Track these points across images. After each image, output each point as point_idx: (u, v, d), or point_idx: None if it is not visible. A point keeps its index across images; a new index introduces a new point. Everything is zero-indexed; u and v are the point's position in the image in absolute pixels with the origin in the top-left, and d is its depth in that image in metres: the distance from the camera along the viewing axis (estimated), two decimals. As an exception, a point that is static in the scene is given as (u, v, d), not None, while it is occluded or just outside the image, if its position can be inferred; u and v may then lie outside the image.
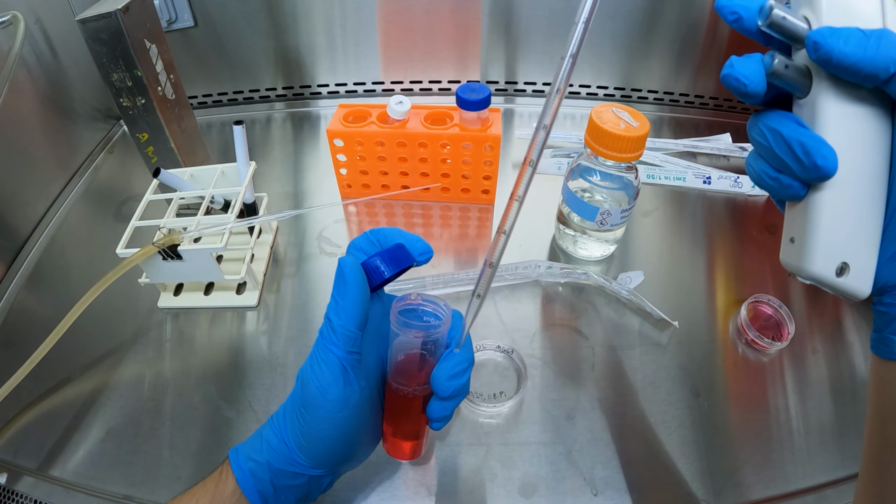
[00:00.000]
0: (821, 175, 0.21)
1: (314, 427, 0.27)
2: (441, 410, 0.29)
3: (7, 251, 0.52)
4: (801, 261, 0.22)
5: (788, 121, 0.21)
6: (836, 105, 0.20)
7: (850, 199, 0.21)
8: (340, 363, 0.26)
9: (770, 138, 0.22)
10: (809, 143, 0.20)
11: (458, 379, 0.28)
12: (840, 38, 0.19)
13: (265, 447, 0.28)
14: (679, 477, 0.37)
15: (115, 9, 0.44)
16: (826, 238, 0.21)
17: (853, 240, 0.21)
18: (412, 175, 0.55)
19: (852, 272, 0.21)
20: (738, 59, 0.21)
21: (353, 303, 0.27)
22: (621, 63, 0.69)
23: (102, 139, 0.68)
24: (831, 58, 0.19)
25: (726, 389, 0.42)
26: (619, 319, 0.47)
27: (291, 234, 0.55)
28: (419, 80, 0.72)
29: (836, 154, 0.20)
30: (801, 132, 0.21)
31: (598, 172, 0.46)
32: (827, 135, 0.20)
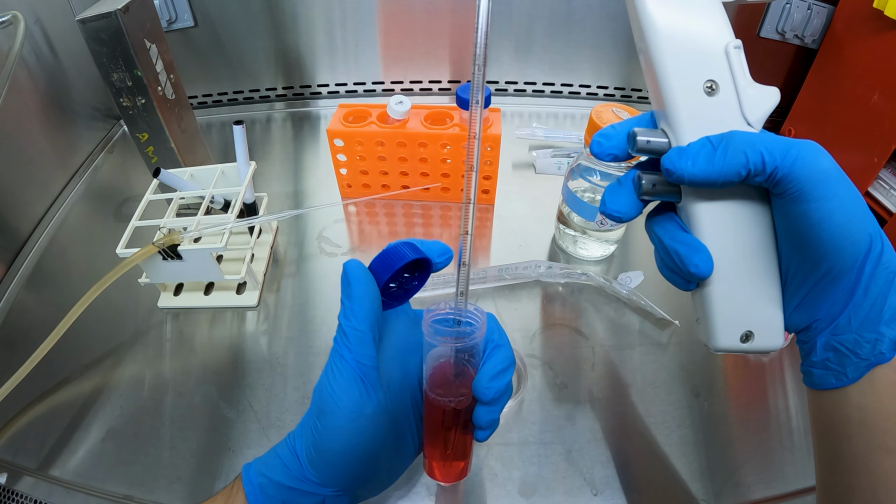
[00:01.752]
0: (697, 278, 0.23)
1: (325, 438, 0.25)
2: (487, 415, 0.27)
3: (7, 251, 0.52)
4: (708, 339, 0.24)
5: (670, 225, 0.23)
6: (707, 206, 0.22)
7: (737, 281, 0.23)
8: (354, 369, 0.25)
9: (655, 243, 0.24)
10: (683, 252, 0.22)
11: (501, 379, 0.27)
12: (688, 158, 0.21)
13: (277, 463, 0.27)
14: (679, 477, 0.37)
15: (115, 9, 0.44)
16: (724, 317, 0.23)
17: (750, 311, 0.23)
18: (412, 175, 0.55)
19: (757, 336, 0.23)
20: (609, 194, 0.23)
21: (360, 302, 0.26)
22: (621, 63, 0.69)
23: (102, 139, 0.68)
24: (683, 179, 0.21)
25: (726, 389, 0.42)
26: (619, 319, 0.47)
27: (291, 234, 0.55)
28: (419, 80, 0.72)
29: (709, 258, 0.22)
30: (677, 240, 0.23)
31: (598, 172, 0.46)
32: (703, 234, 0.22)
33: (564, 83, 0.72)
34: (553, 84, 0.72)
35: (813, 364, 0.24)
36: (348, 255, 0.53)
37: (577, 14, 0.64)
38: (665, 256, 0.24)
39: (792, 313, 0.24)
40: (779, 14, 0.61)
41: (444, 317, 0.27)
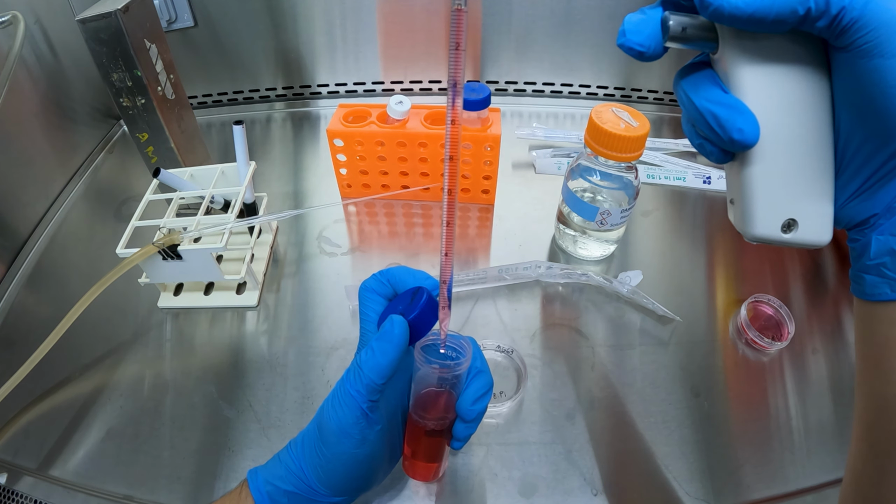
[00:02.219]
0: (740, 147, 0.19)
1: (333, 462, 0.27)
2: (465, 431, 0.30)
3: (7, 251, 0.52)
4: (744, 224, 0.21)
5: (706, 84, 0.19)
6: (750, 59, 0.18)
7: (784, 157, 0.19)
8: (361, 407, 0.27)
9: (687, 106, 0.20)
10: (723, 116, 0.18)
11: (482, 402, 0.30)
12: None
13: (284, 473, 0.28)
14: (679, 477, 0.37)
15: (115, 9, 0.44)
16: (764, 199, 0.20)
17: (796, 195, 0.20)
18: (412, 175, 0.55)
19: (802, 226, 0.20)
20: (631, 23, 0.19)
21: (391, 363, 0.27)
22: (621, 63, 0.69)
23: (102, 139, 0.68)
24: (723, 13, 0.17)
25: (726, 389, 0.42)
26: (619, 319, 0.47)
27: (291, 234, 0.55)
28: (419, 80, 0.72)
29: (755, 122, 0.18)
30: (716, 101, 0.19)
31: (598, 172, 0.46)
32: (745, 95, 0.18)
33: (564, 83, 0.72)
34: (553, 84, 0.72)
35: (865, 269, 0.20)
36: (348, 255, 0.53)
37: (577, 14, 0.64)
38: (698, 121, 0.19)
39: (845, 204, 0.20)
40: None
41: (435, 343, 0.29)
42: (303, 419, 0.40)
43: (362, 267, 0.52)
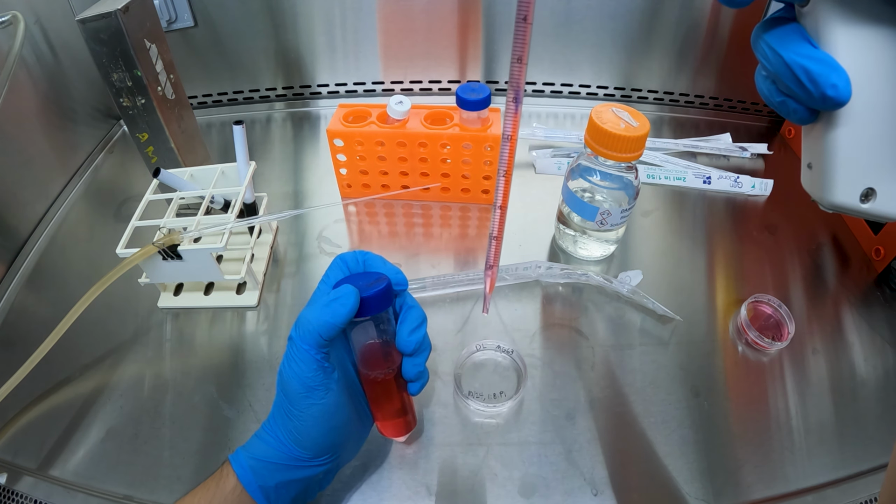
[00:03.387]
0: (832, 105, 0.18)
1: (305, 420, 0.29)
2: (413, 368, 0.32)
3: (7, 251, 0.52)
4: (822, 190, 0.20)
5: (794, 38, 0.18)
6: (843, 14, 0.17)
7: (871, 122, 0.18)
8: (315, 359, 0.28)
9: (772, 60, 0.19)
10: (816, 70, 0.18)
11: (418, 332, 0.31)
12: None
13: (262, 446, 0.30)
14: (679, 477, 0.37)
15: (115, 9, 0.44)
16: (846, 165, 0.19)
17: (878, 163, 0.19)
18: (412, 175, 0.55)
19: (880, 196, 0.19)
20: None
21: (338, 325, 0.28)
22: (621, 63, 0.69)
23: (102, 139, 0.68)
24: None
25: (726, 389, 0.42)
26: (619, 319, 0.47)
27: (291, 234, 0.55)
28: (419, 80, 0.72)
29: (847, 80, 0.18)
30: (806, 55, 0.18)
31: (598, 172, 0.46)
32: (837, 51, 0.18)
33: (564, 83, 0.72)
34: (553, 84, 0.72)
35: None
36: (348, 255, 0.53)
37: (577, 14, 0.64)
38: (786, 76, 0.18)
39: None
40: (779, 14, 0.61)
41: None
42: (303, 419, 0.40)
43: (362, 267, 0.52)
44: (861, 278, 0.51)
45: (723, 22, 0.64)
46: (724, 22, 0.64)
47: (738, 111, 0.71)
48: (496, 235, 0.30)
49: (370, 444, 0.38)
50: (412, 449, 0.38)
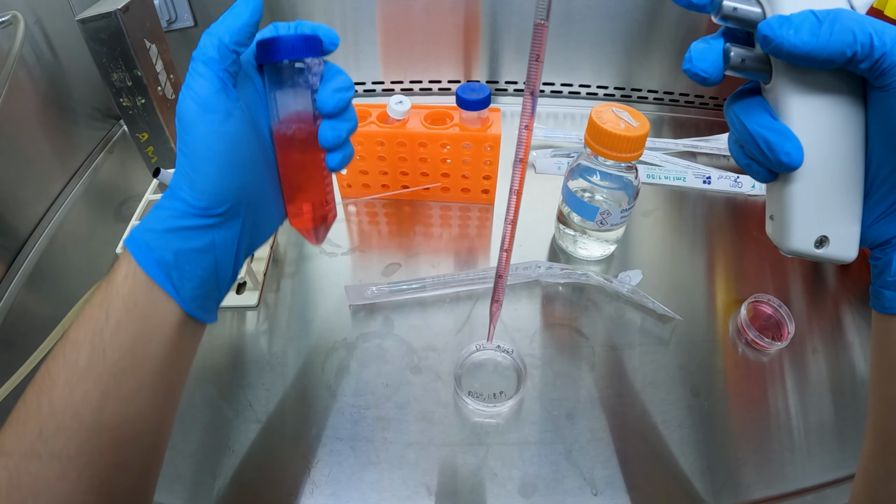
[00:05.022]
0: (787, 169, 0.21)
1: (198, 148, 0.24)
2: (333, 132, 0.27)
3: (7, 251, 0.52)
4: (781, 238, 0.23)
5: (756, 109, 0.21)
6: (799, 90, 0.20)
7: (822, 179, 0.21)
8: (218, 76, 0.24)
9: (738, 128, 0.22)
10: (773, 139, 0.21)
11: (344, 94, 0.27)
12: (790, 27, 0.19)
13: (157, 214, 0.24)
14: (679, 477, 0.37)
15: (115, 9, 0.44)
16: (802, 217, 0.22)
17: (830, 215, 0.22)
18: (412, 175, 0.55)
19: (832, 243, 0.22)
20: (697, 51, 0.21)
21: (243, 27, 0.25)
22: (621, 63, 0.69)
23: (102, 139, 0.68)
24: (782, 49, 0.19)
25: (726, 389, 0.42)
26: (619, 319, 0.47)
27: (291, 234, 0.55)
28: (419, 80, 0.72)
29: (800, 148, 0.21)
30: (765, 126, 0.21)
31: (598, 172, 0.46)
32: (792, 122, 0.21)
33: (564, 83, 0.72)
34: (553, 84, 0.72)
35: (885, 285, 0.22)
36: (348, 255, 0.53)
37: (577, 14, 0.64)
38: (749, 144, 0.22)
39: (871, 225, 0.22)
40: (779, 14, 0.61)
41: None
42: (303, 419, 0.40)
43: (362, 267, 0.52)
44: (861, 278, 0.51)
45: (723, 22, 0.64)
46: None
47: (738, 111, 0.71)
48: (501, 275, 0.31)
49: (370, 443, 0.38)
50: (412, 449, 0.38)
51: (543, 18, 0.24)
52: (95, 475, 0.22)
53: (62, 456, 0.22)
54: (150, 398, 0.24)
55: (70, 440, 0.22)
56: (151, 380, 0.24)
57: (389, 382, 0.42)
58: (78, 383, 0.22)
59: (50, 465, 0.22)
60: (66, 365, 0.23)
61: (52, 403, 0.22)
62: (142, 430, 0.24)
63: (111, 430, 0.23)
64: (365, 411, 0.40)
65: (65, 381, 0.22)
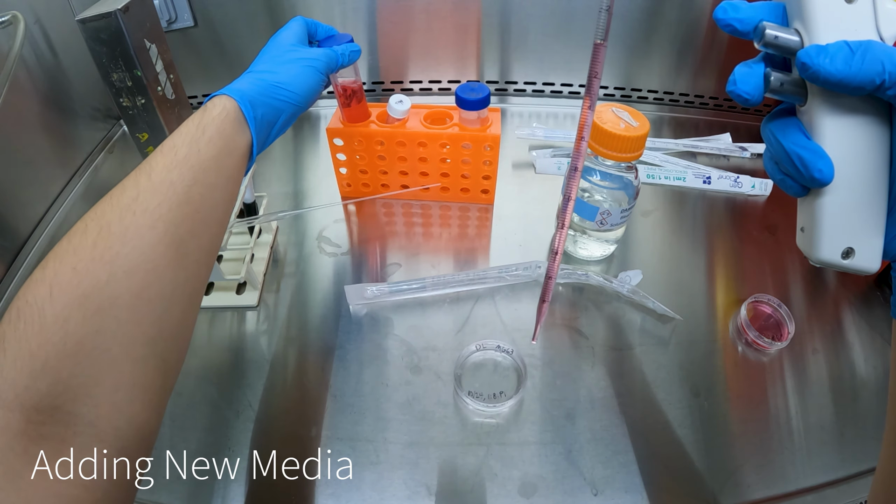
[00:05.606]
0: (818, 184, 0.23)
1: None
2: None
3: (7, 251, 0.52)
4: (811, 248, 0.24)
5: (791, 129, 0.23)
6: (832, 113, 0.22)
7: (850, 195, 0.23)
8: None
9: (774, 146, 0.24)
10: (807, 157, 0.22)
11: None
12: (826, 56, 0.21)
13: (250, 80, 0.36)
14: (679, 477, 0.37)
15: (115, 9, 0.44)
16: (830, 229, 0.23)
17: (856, 228, 0.23)
18: (412, 175, 0.55)
19: (858, 254, 0.24)
20: (740, 74, 0.23)
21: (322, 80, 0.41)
22: (621, 63, 0.69)
23: (102, 139, 0.68)
24: (819, 76, 0.21)
25: (726, 389, 0.42)
26: (619, 319, 0.47)
27: (291, 234, 0.55)
28: (419, 79, 0.72)
29: (832, 165, 0.22)
30: (800, 144, 0.23)
31: (598, 172, 0.46)
32: (825, 142, 0.22)
33: (564, 83, 0.72)
34: (553, 84, 0.72)
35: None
36: (348, 255, 0.53)
37: (576, 14, 0.64)
38: (784, 160, 0.23)
39: (893, 238, 0.24)
40: (779, 14, 0.61)
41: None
42: (303, 419, 0.40)
43: (362, 267, 0.52)
44: (861, 278, 0.51)
45: (723, 22, 0.64)
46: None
47: (738, 111, 0.71)
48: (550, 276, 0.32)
49: (370, 443, 0.38)
50: (412, 449, 0.38)
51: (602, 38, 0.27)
52: (176, 235, 0.27)
53: (154, 212, 0.26)
54: (221, 197, 0.31)
55: (163, 202, 0.27)
56: (225, 183, 0.31)
57: (389, 382, 0.42)
58: (175, 167, 0.28)
59: (143, 218, 0.26)
60: (164, 157, 0.28)
61: (150, 178, 0.27)
62: (213, 214, 0.30)
63: (194, 204, 0.28)
64: (365, 411, 0.40)
65: (163, 167, 0.28)
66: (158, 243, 0.26)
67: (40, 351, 0.21)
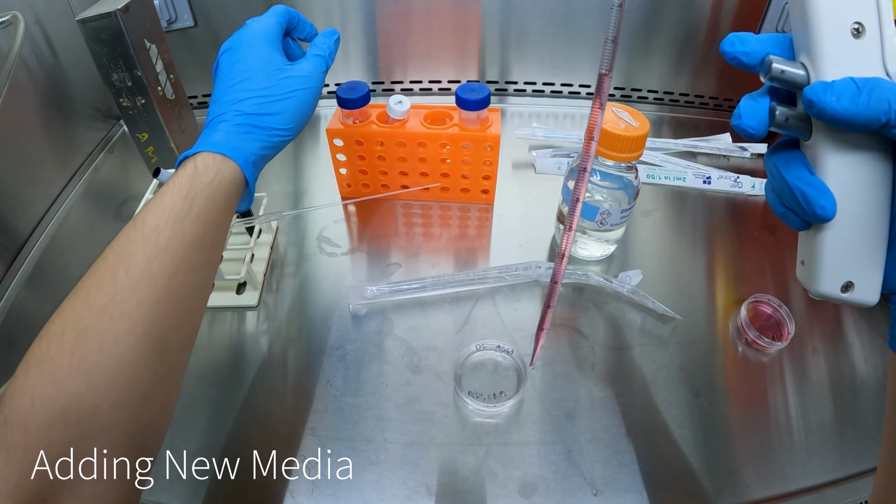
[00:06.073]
0: (820, 220, 0.23)
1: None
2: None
3: (7, 251, 0.52)
4: (811, 282, 0.25)
5: (795, 163, 0.23)
6: (836, 149, 0.22)
7: (852, 231, 0.23)
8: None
9: (777, 179, 0.24)
10: (810, 193, 0.22)
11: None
12: (833, 94, 0.20)
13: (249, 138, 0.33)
14: (679, 477, 0.37)
15: (115, 9, 0.44)
16: (831, 263, 0.24)
17: (856, 263, 0.24)
18: (412, 175, 0.55)
19: (857, 288, 0.24)
20: (746, 108, 0.23)
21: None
22: (621, 63, 0.69)
23: (102, 139, 0.68)
24: (825, 114, 0.21)
25: (726, 389, 0.42)
26: (619, 319, 0.47)
27: (291, 234, 0.55)
28: (419, 80, 0.72)
29: (834, 202, 0.22)
30: (803, 180, 0.23)
31: (598, 172, 0.46)
32: (828, 177, 0.22)
33: (564, 83, 0.72)
34: (553, 84, 0.72)
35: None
36: (348, 255, 0.53)
37: (577, 14, 0.64)
38: (786, 195, 0.23)
39: (893, 272, 0.24)
40: (779, 14, 0.61)
41: None
42: (302, 419, 0.40)
43: (362, 267, 0.52)
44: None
45: (723, 22, 0.64)
46: (724, 22, 0.64)
47: (738, 111, 0.71)
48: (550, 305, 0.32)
49: (370, 443, 0.38)
50: (412, 449, 0.38)
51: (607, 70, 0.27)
52: (156, 333, 0.26)
53: (132, 314, 0.25)
54: (206, 271, 0.30)
55: (142, 300, 0.26)
56: (211, 256, 0.30)
57: (389, 382, 0.42)
58: (156, 256, 0.27)
59: (120, 323, 0.25)
60: (145, 244, 0.27)
61: (129, 272, 0.26)
62: (195, 297, 0.29)
63: (175, 296, 0.27)
64: (365, 411, 0.40)
65: (143, 256, 0.26)
66: (137, 346, 0.25)
67: (27, 456, 0.22)
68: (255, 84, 0.34)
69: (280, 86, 0.35)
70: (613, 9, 0.25)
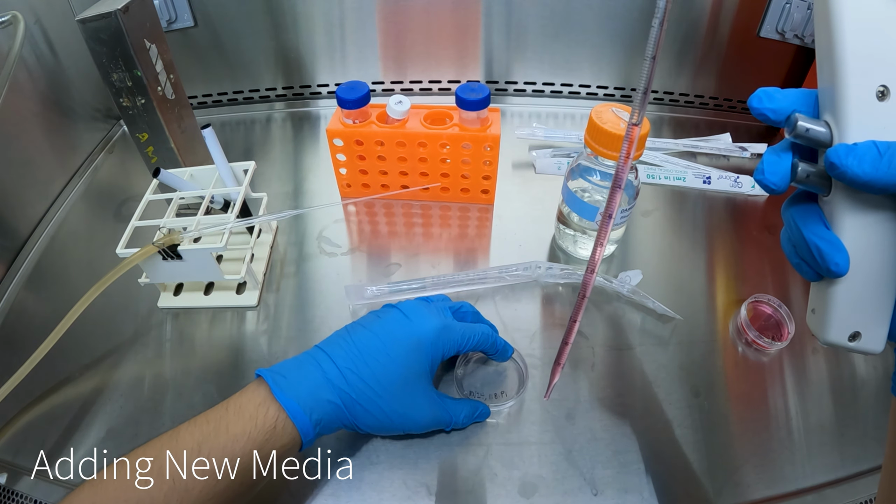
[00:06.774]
0: (833, 275, 0.23)
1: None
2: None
3: (7, 251, 0.52)
4: (820, 331, 0.25)
5: (812, 218, 0.24)
6: (854, 208, 0.23)
7: (863, 285, 0.24)
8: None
9: (794, 231, 0.24)
10: (825, 249, 0.23)
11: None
12: (855, 157, 0.21)
13: (308, 379, 0.34)
14: (679, 477, 0.37)
15: (115, 9, 0.44)
16: (840, 315, 0.24)
17: (865, 315, 0.24)
18: (411, 175, 0.55)
19: (864, 338, 0.25)
20: (769, 163, 0.24)
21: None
22: (621, 63, 0.69)
23: (102, 139, 0.68)
24: (846, 176, 0.21)
25: (726, 389, 0.42)
26: (619, 319, 0.47)
27: (291, 234, 0.55)
28: (419, 80, 0.72)
29: (848, 259, 0.23)
30: (820, 235, 0.23)
31: (598, 172, 0.46)
32: (844, 234, 0.23)
33: (564, 83, 0.72)
34: (553, 84, 0.72)
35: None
36: (348, 255, 0.53)
37: (576, 14, 0.64)
38: (801, 247, 0.24)
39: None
40: (779, 14, 0.61)
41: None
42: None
43: (362, 267, 0.52)
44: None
45: (723, 22, 0.64)
46: (724, 22, 0.64)
47: (738, 111, 0.71)
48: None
49: (370, 443, 0.38)
50: (412, 449, 0.38)
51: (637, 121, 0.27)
52: None
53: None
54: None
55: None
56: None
57: (389, 382, 0.42)
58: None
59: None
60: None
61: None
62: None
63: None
64: (365, 411, 0.40)
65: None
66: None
67: None
68: (393, 391, 0.35)
69: (415, 410, 0.36)
70: (654, 28, 0.26)
